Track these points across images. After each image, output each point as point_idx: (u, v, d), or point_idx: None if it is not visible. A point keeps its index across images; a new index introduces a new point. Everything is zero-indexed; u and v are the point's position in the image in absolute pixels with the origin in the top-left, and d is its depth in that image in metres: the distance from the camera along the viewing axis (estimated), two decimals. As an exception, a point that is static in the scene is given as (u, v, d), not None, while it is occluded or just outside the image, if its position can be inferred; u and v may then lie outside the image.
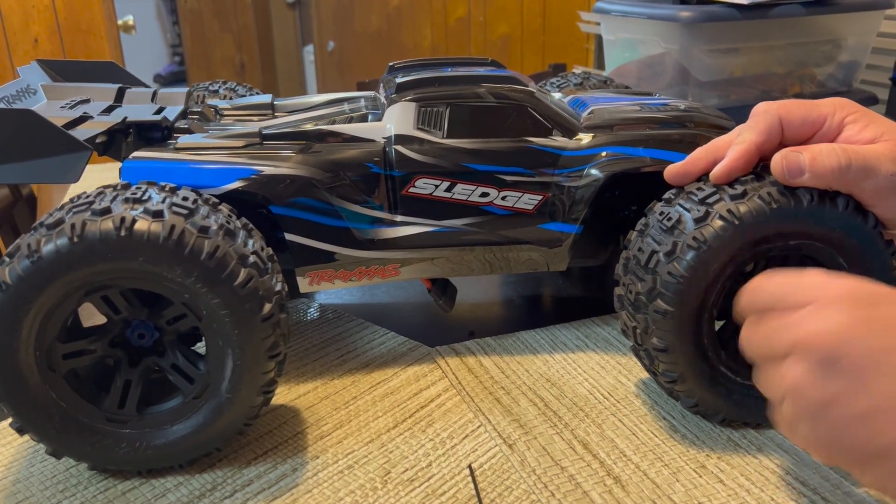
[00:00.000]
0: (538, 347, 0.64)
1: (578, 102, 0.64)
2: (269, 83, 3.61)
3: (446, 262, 0.59)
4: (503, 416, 0.54)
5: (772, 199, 0.46)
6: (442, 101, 0.57)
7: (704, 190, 0.48)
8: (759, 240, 0.47)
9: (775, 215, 0.46)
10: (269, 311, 0.45)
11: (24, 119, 0.47)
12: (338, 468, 0.50)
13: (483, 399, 0.56)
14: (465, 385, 0.58)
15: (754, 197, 0.46)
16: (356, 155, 0.56)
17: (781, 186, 0.46)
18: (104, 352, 0.48)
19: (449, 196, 0.57)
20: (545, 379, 0.59)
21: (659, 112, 0.61)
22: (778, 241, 0.47)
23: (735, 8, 0.87)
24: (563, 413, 0.55)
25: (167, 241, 0.43)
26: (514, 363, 0.61)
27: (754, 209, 0.46)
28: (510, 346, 0.64)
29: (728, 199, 0.47)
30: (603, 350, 0.63)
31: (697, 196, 0.48)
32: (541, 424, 0.53)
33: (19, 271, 0.42)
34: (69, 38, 1.78)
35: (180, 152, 0.54)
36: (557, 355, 0.62)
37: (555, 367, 0.61)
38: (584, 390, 0.57)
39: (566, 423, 0.53)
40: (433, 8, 2.32)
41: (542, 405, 0.56)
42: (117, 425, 0.48)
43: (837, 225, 0.46)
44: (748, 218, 0.46)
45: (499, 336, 0.66)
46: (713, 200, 0.47)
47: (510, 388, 0.58)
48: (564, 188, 0.58)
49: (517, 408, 0.55)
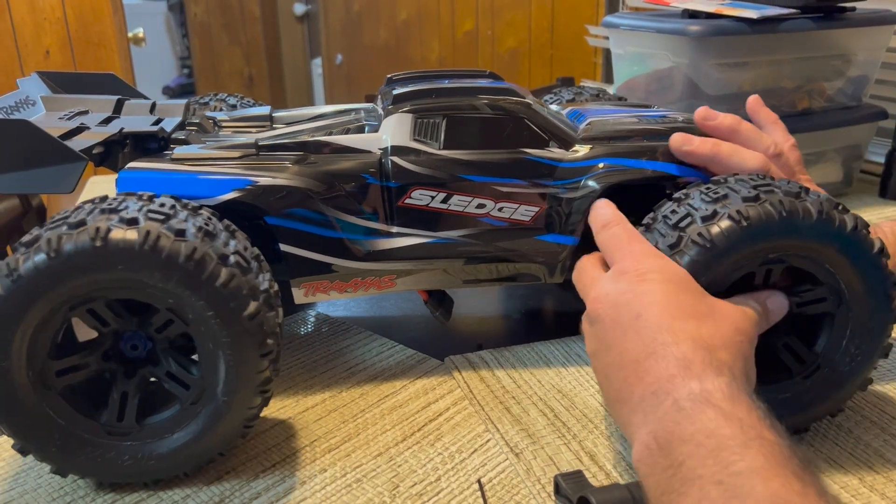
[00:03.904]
0: (552, 359, 0.63)
1: (576, 114, 0.64)
2: (277, 96, 3.63)
3: (442, 274, 0.59)
4: (512, 426, 0.54)
5: (783, 208, 0.45)
6: (438, 113, 0.57)
7: (677, 213, 0.48)
8: (764, 247, 0.46)
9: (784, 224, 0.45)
10: (255, 308, 0.45)
11: (20, 129, 0.47)
12: (346, 482, 0.49)
13: (493, 408, 0.56)
14: (476, 394, 0.58)
15: (766, 203, 0.45)
16: (352, 166, 0.56)
17: (792, 197, 0.46)
18: (98, 366, 0.48)
19: (445, 207, 0.57)
20: (557, 390, 0.59)
21: (657, 124, 0.61)
22: (781, 251, 0.46)
23: (744, 22, 0.87)
24: (573, 424, 0.54)
25: (142, 246, 0.42)
26: (527, 374, 0.61)
27: (764, 214, 0.45)
28: (524, 357, 0.64)
29: (739, 201, 0.46)
30: None
31: (671, 220, 0.48)
32: (549, 434, 0.53)
33: (1, 291, 0.42)
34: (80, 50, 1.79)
35: (176, 163, 0.54)
36: (571, 367, 0.62)
37: (567, 378, 0.60)
38: (595, 402, 0.57)
39: (574, 434, 0.53)
40: (441, 22, 2.33)
41: (552, 416, 0.55)
42: (118, 438, 0.47)
43: (838, 243, 0.46)
44: (757, 222, 0.45)
45: (512, 347, 0.65)
46: (685, 224, 0.47)
47: (521, 398, 0.58)
48: (561, 200, 0.58)
49: (526, 417, 0.55)
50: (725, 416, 0.35)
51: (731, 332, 0.41)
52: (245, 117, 0.66)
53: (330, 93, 3.20)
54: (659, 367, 0.39)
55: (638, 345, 0.40)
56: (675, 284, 0.43)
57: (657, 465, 0.35)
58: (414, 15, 2.43)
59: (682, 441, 0.35)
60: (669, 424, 0.36)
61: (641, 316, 0.41)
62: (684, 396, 0.36)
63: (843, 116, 0.98)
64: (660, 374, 0.38)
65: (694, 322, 0.41)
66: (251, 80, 3.59)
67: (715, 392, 0.36)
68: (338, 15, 2.93)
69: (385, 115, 0.58)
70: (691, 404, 0.36)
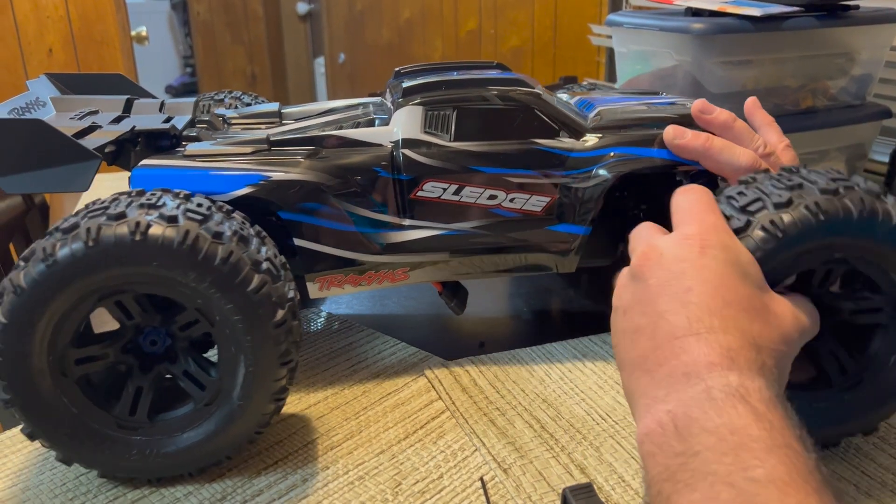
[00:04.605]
0: (534, 366, 0.62)
1: (585, 103, 0.64)
2: (280, 95, 3.63)
3: (456, 265, 0.59)
4: (498, 439, 0.53)
5: (863, 206, 0.42)
6: (449, 105, 0.57)
7: (746, 195, 0.45)
8: (835, 244, 0.43)
9: (862, 223, 0.42)
10: (281, 317, 0.45)
11: (35, 129, 0.48)
12: (348, 479, 0.49)
13: (477, 421, 0.55)
14: (458, 406, 0.57)
15: (845, 198, 0.42)
16: (364, 159, 0.56)
17: (873, 197, 0.43)
18: (116, 357, 0.48)
19: (457, 199, 0.57)
20: (542, 399, 0.58)
21: (666, 112, 0.61)
22: (850, 252, 0.44)
23: (748, 20, 0.87)
24: (560, 435, 0.53)
25: (181, 245, 0.43)
26: (510, 382, 0.60)
27: (842, 210, 0.42)
28: (505, 364, 0.63)
29: (817, 192, 0.43)
30: (600, 369, 0.62)
31: (738, 203, 0.45)
32: (537, 448, 0.52)
33: (34, 275, 0.42)
34: (83, 48, 1.80)
35: (189, 159, 0.54)
36: (554, 374, 0.61)
37: (551, 386, 0.59)
38: (582, 411, 0.56)
39: (563, 447, 0.52)
40: (444, 21, 2.33)
41: (539, 427, 0.54)
42: (128, 432, 0.48)
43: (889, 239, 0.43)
44: (834, 216, 0.42)
45: (493, 353, 0.64)
46: (755, 209, 0.44)
47: (505, 408, 0.56)
48: (573, 189, 0.58)
49: (512, 430, 0.54)
50: (757, 416, 0.33)
51: (778, 338, 0.39)
52: (254, 114, 0.66)
53: (333, 92, 3.20)
54: (699, 350, 0.36)
55: (681, 319, 0.38)
56: (737, 269, 0.40)
57: (667, 447, 0.34)
58: (417, 14, 2.43)
59: (704, 431, 0.33)
60: (694, 410, 0.34)
61: (692, 290, 0.38)
62: (719, 387, 0.35)
63: (846, 115, 0.98)
64: (698, 357, 0.36)
65: (746, 315, 0.38)
66: (254, 79, 3.59)
67: (753, 391, 0.34)
68: (341, 14, 2.93)
69: (395, 109, 0.58)
70: (724, 396, 0.34)
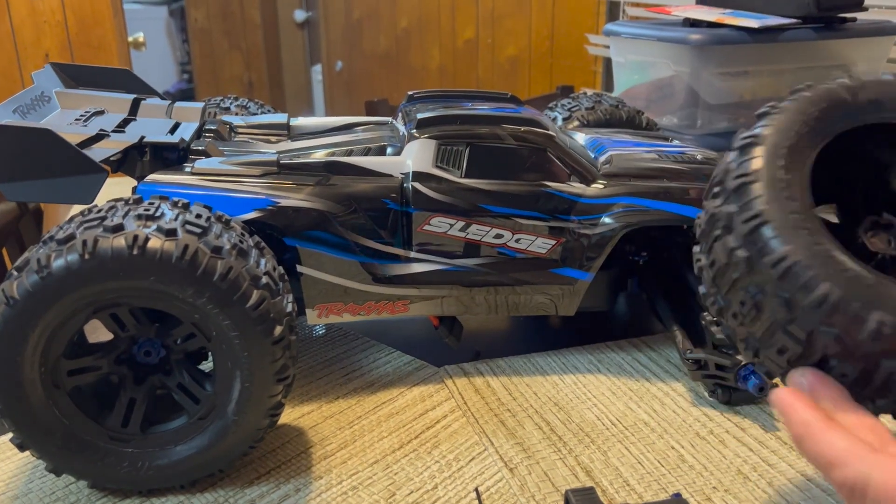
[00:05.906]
0: (548, 370, 0.63)
1: (596, 144, 0.65)
2: (277, 101, 3.63)
3: (455, 301, 0.59)
4: (507, 439, 0.53)
5: None
6: (462, 140, 0.57)
7: None
8: None
9: None
10: (279, 333, 0.44)
11: (43, 138, 0.47)
12: (342, 489, 0.49)
13: (488, 421, 0.56)
14: (470, 406, 0.58)
15: None
16: (373, 189, 0.56)
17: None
18: (109, 368, 0.47)
19: (463, 235, 0.57)
20: (553, 403, 0.58)
21: (676, 163, 0.61)
22: None
23: (745, 31, 0.87)
24: (569, 438, 0.53)
25: (180, 260, 0.42)
26: (523, 385, 0.60)
27: None
28: (520, 368, 0.63)
29: None
30: (615, 375, 0.62)
31: None
32: (544, 449, 0.52)
33: (27, 286, 0.41)
34: (80, 53, 1.79)
35: (196, 177, 0.53)
36: (568, 379, 0.61)
37: (564, 391, 0.60)
38: (592, 416, 0.56)
39: (570, 449, 0.52)
40: (441, 30, 2.33)
41: (548, 429, 0.55)
42: (120, 444, 0.47)
43: None
44: None
45: (509, 357, 0.65)
46: None
47: (516, 410, 0.57)
48: (579, 235, 0.58)
49: (522, 431, 0.54)
50: None
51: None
52: (262, 124, 0.66)
53: (330, 99, 3.20)
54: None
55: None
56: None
57: None
58: (414, 22, 2.43)
59: None
60: None
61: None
62: None
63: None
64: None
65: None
66: (251, 85, 3.59)
67: None
68: (338, 22, 2.93)
69: (408, 139, 0.58)
70: None
